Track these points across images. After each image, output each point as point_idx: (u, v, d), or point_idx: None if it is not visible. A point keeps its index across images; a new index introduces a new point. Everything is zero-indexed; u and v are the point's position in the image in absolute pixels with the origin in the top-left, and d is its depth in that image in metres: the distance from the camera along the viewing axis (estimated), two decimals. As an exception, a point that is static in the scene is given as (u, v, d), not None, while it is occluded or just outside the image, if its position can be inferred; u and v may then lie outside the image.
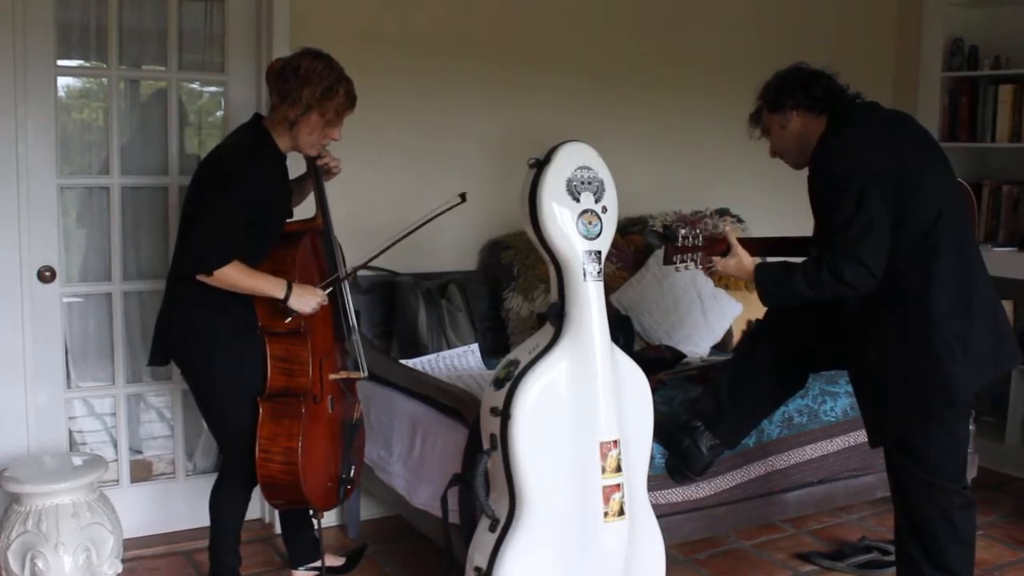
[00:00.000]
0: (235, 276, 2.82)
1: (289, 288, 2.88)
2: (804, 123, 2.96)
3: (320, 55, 2.94)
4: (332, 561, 3.42)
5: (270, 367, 2.97)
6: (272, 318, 2.94)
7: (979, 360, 2.80)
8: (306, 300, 2.92)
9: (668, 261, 2.96)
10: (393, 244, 3.07)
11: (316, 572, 3.35)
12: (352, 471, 3.20)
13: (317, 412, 3.03)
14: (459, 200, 3.01)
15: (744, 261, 2.96)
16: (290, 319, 2.92)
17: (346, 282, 3.08)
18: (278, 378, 2.97)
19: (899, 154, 2.83)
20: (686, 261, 2.96)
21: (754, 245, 3.07)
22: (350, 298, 3.12)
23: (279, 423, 2.95)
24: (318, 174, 3.12)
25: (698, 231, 2.97)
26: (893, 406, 2.86)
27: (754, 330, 3.41)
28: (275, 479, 2.97)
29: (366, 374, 3.15)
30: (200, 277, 2.81)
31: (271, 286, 2.87)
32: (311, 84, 2.87)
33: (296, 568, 3.38)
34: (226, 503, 3.14)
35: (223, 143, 3.13)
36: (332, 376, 3.09)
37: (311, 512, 3.15)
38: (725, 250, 2.98)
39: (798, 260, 2.91)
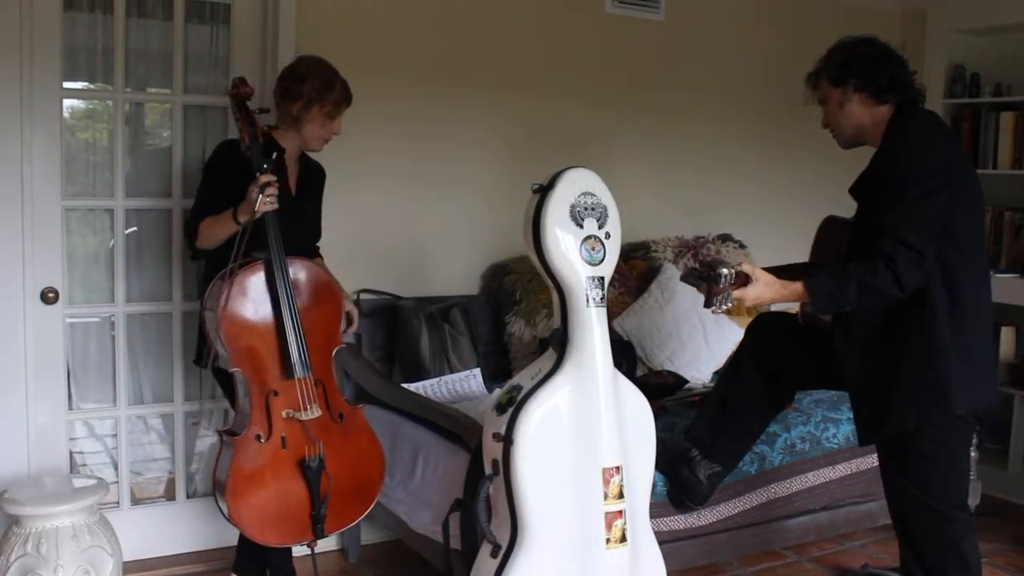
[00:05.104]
0: (203, 228, 3.06)
1: (233, 211, 2.98)
2: (864, 107, 2.84)
3: (314, 56, 3.23)
4: None
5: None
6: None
7: (980, 381, 2.78)
8: (248, 202, 2.92)
9: (709, 304, 2.67)
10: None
11: None
12: (323, 509, 3.00)
13: (260, 449, 2.93)
14: None
15: (773, 285, 2.74)
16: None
17: (297, 315, 2.97)
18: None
19: (960, 169, 2.78)
20: (724, 302, 2.69)
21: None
22: (299, 330, 2.97)
23: (224, 457, 2.95)
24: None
25: (732, 270, 2.66)
26: (895, 402, 2.79)
27: (737, 350, 3.40)
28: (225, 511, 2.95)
29: (317, 415, 2.99)
30: (196, 243, 3.08)
31: (221, 219, 3.01)
32: (310, 80, 3.13)
33: None
34: None
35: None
36: (284, 413, 2.98)
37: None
38: (744, 281, 2.73)
39: None
